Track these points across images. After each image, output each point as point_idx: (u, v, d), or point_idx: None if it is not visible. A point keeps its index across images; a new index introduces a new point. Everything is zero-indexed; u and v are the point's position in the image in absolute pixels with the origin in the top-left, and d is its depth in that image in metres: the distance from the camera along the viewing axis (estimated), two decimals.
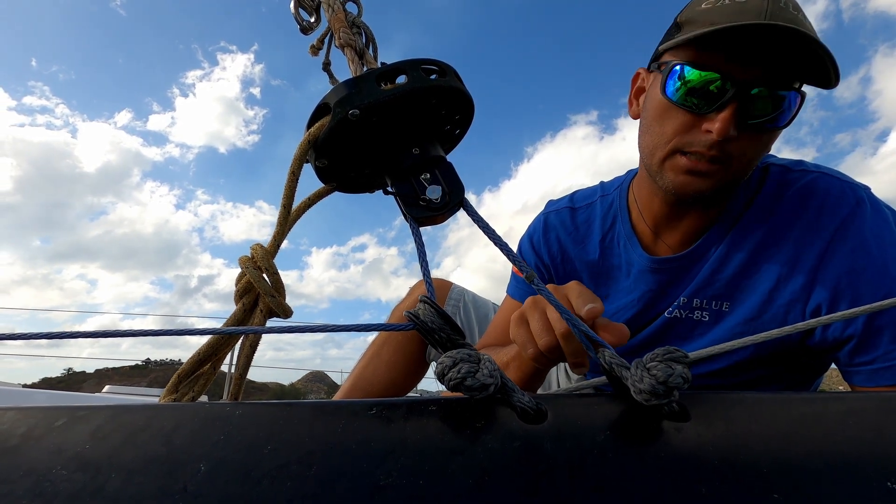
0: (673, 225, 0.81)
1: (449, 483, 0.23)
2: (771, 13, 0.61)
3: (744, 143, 0.67)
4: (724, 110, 0.63)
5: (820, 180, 0.73)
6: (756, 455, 0.24)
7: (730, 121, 0.63)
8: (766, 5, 0.62)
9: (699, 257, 0.79)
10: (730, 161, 0.67)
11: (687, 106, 0.67)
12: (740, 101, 0.64)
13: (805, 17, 0.64)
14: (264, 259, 0.43)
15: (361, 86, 0.41)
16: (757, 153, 0.69)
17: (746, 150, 0.67)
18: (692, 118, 0.67)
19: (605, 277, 0.90)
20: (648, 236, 0.85)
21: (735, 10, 0.63)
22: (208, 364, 0.45)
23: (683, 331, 0.82)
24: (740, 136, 0.66)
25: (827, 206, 0.71)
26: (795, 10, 0.63)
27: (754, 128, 0.66)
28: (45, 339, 0.34)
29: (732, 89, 0.63)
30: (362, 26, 0.56)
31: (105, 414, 0.29)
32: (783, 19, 0.60)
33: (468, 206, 0.43)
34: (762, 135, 0.67)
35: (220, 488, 0.24)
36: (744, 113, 0.64)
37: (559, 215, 0.96)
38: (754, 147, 0.68)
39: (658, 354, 0.30)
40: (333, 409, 0.29)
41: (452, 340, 0.34)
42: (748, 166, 0.70)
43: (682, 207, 0.78)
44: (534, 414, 0.27)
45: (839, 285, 0.69)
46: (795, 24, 0.61)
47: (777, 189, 0.75)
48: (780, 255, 0.73)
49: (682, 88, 0.67)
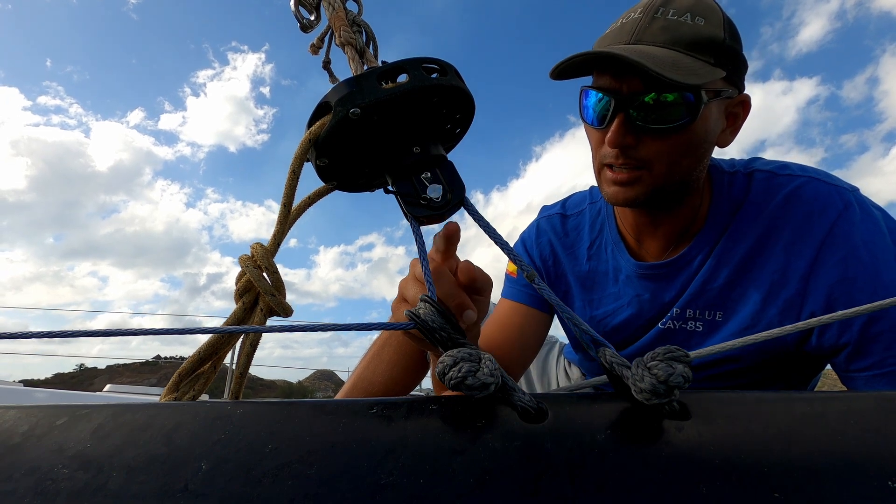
0: (651, 232, 0.82)
1: (449, 482, 0.23)
2: (640, 29, 0.68)
3: (654, 147, 0.69)
4: (613, 122, 0.69)
5: (807, 186, 0.73)
6: (757, 454, 0.24)
7: (618, 131, 0.69)
8: (637, 23, 0.69)
9: (685, 265, 0.80)
10: (648, 165, 0.70)
11: (595, 124, 0.73)
12: (626, 111, 0.68)
13: (694, 14, 0.68)
14: (264, 258, 0.43)
15: (362, 84, 0.41)
16: (680, 154, 0.70)
17: (662, 153, 0.69)
18: (600, 134, 0.73)
19: (593, 283, 0.91)
20: (634, 243, 0.86)
21: (614, 33, 0.72)
22: (209, 363, 0.45)
23: (678, 342, 0.82)
24: (645, 140, 0.69)
25: (815, 212, 0.71)
26: (678, 14, 0.68)
27: (656, 131, 0.68)
28: (57, 337, 0.34)
29: (614, 102, 0.69)
30: (363, 24, 0.56)
31: (106, 413, 0.29)
32: (649, 34, 0.68)
33: (469, 205, 0.43)
34: (669, 137, 0.69)
35: (221, 487, 0.24)
36: (636, 120, 0.68)
37: (550, 221, 0.98)
38: (670, 148, 0.69)
39: (659, 354, 0.30)
40: (334, 409, 0.29)
41: (453, 339, 0.34)
42: (676, 168, 0.71)
43: (650, 215, 0.79)
44: (534, 413, 0.27)
45: (832, 294, 0.69)
46: (661, 34, 0.67)
47: (763, 196, 0.75)
48: (770, 264, 0.73)
49: (589, 109, 0.74)
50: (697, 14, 0.68)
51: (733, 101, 0.73)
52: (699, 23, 0.68)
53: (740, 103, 0.74)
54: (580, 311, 0.93)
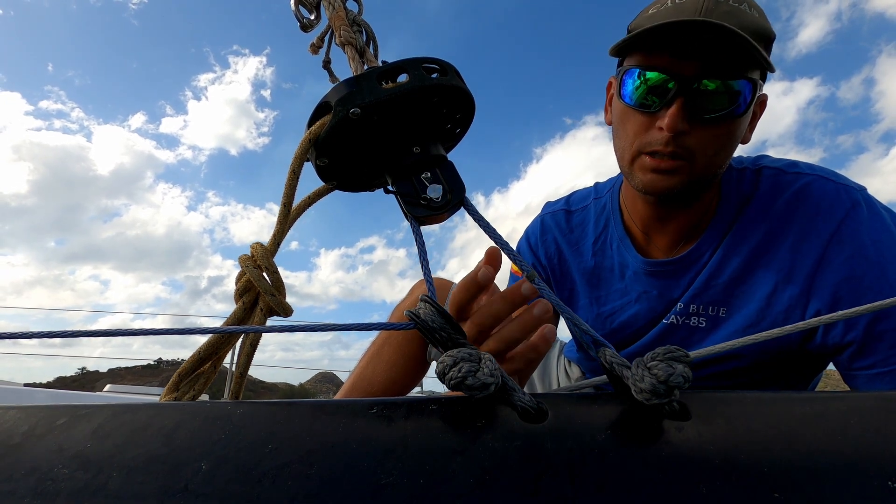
0: (661, 227, 0.81)
1: (449, 482, 0.23)
2: (706, 9, 0.65)
3: (702, 137, 0.68)
4: (672, 106, 0.66)
5: (815, 184, 0.73)
6: (757, 454, 0.24)
7: (678, 115, 0.66)
8: (701, 3, 0.65)
9: (694, 261, 0.79)
10: (692, 156, 0.69)
11: (641, 107, 0.70)
12: (686, 96, 0.66)
13: (749, 6, 0.67)
14: (264, 258, 0.43)
15: (362, 84, 0.41)
16: (720, 146, 0.69)
17: (707, 144, 0.68)
18: (648, 118, 0.70)
19: (598, 279, 0.91)
20: (641, 238, 0.85)
21: (673, 11, 0.67)
22: (209, 363, 0.45)
23: (681, 337, 0.82)
24: (696, 129, 0.68)
25: (822, 210, 0.71)
26: (738, 2, 0.66)
27: (709, 120, 0.67)
28: (57, 337, 0.34)
29: (676, 85, 0.66)
30: (363, 24, 0.56)
31: (106, 413, 0.29)
32: (717, 14, 0.64)
33: (469, 205, 0.43)
34: (719, 126, 0.68)
35: (222, 487, 0.24)
36: (693, 106, 0.66)
37: (555, 217, 0.97)
38: (715, 139, 0.68)
39: (659, 353, 0.30)
40: (334, 409, 0.29)
41: (453, 339, 0.34)
42: (715, 160, 0.70)
43: (665, 209, 0.78)
44: (534, 413, 0.27)
45: (838, 292, 0.68)
46: (728, 17, 0.64)
47: (771, 193, 0.75)
48: (776, 262, 0.73)
49: (634, 91, 0.70)
50: (752, 6, 0.68)
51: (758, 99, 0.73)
52: (755, 14, 0.68)
53: (761, 102, 0.74)
54: (585, 309, 0.92)
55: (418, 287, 1.11)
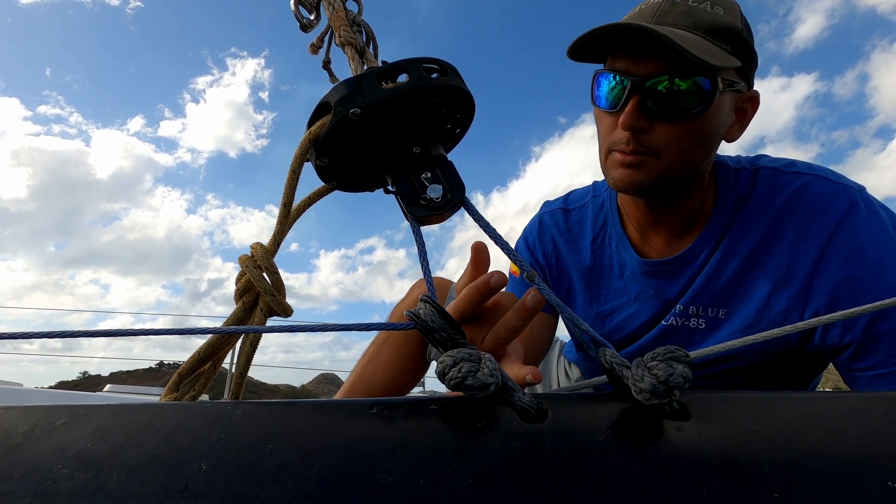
0: (655, 227, 0.81)
1: (449, 482, 0.23)
2: (661, 12, 0.69)
3: (664, 133, 0.69)
4: (628, 104, 0.68)
5: (813, 183, 0.73)
6: (757, 454, 0.24)
7: (632, 113, 0.68)
8: (658, 6, 0.70)
9: (690, 262, 0.79)
10: (656, 152, 0.70)
11: (608, 108, 0.72)
12: (642, 94, 0.68)
13: (713, 3, 0.69)
14: (264, 258, 0.43)
15: (362, 84, 0.41)
16: (690, 143, 0.70)
17: (671, 141, 0.69)
18: (613, 118, 0.72)
19: (597, 278, 0.91)
20: (638, 238, 0.85)
21: (635, 14, 0.71)
22: (209, 363, 0.45)
23: (681, 339, 0.82)
24: (656, 126, 0.69)
25: (820, 210, 0.71)
26: (698, 1, 0.69)
27: (668, 116, 0.68)
28: (58, 337, 0.34)
29: (630, 84, 0.68)
30: (363, 24, 0.56)
31: (106, 413, 0.29)
32: (671, 16, 0.68)
33: (469, 205, 0.43)
34: (680, 124, 0.68)
35: (222, 487, 0.24)
36: (648, 104, 0.68)
37: (553, 216, 0.97)
38: (680, 136, 0.69)
39: (659, 354, 0.30)
40: (334, 409, 0.29)
41: (453, 340, 0.34)
42: (686, 157, 0.70)
43: (656, 207, 0.79)
44: (534, 413, 0.27)
45: (836, 293, 0.68)
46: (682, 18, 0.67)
47: (769, 193, 0.75)
48: (774, 263, 0.73)
49: (601, 93, 0.73)
50: (717, 4, 0.69)
51: (743, 97, 0.73)
52: (718, 11, 0.69)
53: (749, 99, 0.74)
54: (584, 308, 0.92)
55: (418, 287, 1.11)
